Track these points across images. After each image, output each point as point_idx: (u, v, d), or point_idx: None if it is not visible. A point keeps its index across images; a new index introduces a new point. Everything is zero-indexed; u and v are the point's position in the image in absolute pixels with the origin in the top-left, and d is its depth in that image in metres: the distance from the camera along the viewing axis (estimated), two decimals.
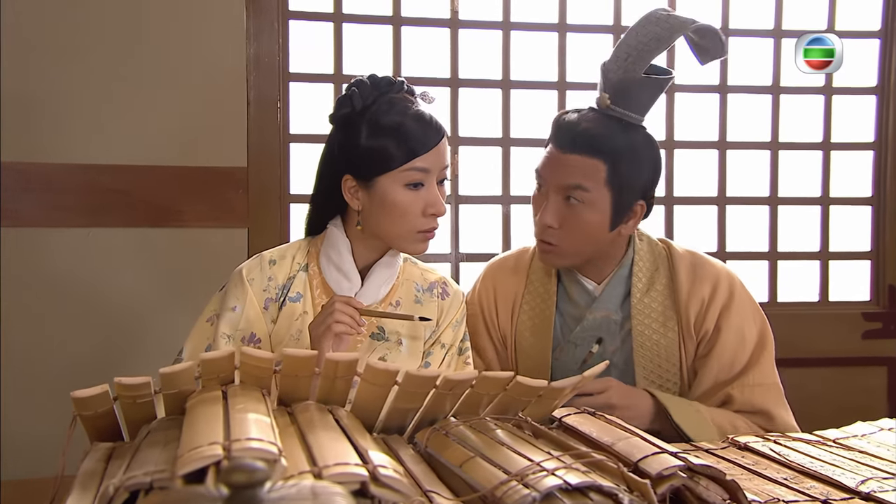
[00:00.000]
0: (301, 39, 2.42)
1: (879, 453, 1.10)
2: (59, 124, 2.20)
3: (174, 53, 2.25)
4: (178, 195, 2.28)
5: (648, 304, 1.61)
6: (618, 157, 1.51)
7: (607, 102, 1.54)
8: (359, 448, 0.75)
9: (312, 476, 0.66)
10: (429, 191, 1.41)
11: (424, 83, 2.47)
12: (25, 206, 2.19)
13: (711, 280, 1.61)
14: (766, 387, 1.55)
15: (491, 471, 0.79)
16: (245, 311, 1.42)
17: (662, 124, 2.61)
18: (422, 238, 1.44)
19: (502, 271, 1.74)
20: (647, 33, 1.52)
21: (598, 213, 1.53)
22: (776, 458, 1.09)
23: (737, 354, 1.57)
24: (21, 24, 2.17)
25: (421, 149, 1.38)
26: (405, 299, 1.52)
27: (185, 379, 0.85)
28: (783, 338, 2.58)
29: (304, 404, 0.92)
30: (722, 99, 2.64)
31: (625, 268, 1.64)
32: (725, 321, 1.58)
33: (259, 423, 0.71)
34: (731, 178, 2.67)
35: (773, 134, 2.67)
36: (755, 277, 2.68)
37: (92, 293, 2.23)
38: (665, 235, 2.56)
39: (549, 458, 0.80)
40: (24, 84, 2.18)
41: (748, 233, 2.71)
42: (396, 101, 1.41)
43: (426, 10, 2.49)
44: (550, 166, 1.56)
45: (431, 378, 0.92)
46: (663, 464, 0.85)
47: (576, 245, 1.56)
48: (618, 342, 1.63)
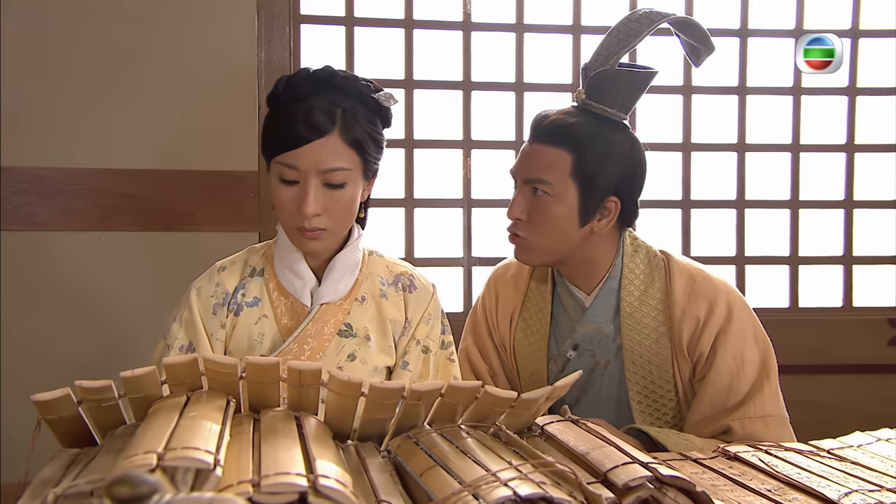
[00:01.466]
0: (312, 43, 2.42)
1: (873, 465, 1.06)
2: (71, 129, 2.22)
3: (186, 58, 2.26)
4: (190, 199, 2.28)
5: (640, 318, 1.55)
6: (583, 147, 1.48)
7: (582, 97, 1.52)
8: (310, 457, 0.74)
9: (251, 486, 0.65)
10: (301, 189, 1.35)
11: (437, 87, 2.48)
12: (40, 209, 2.22)
13: (708, 299, 1.52)
14: (768, 419, 1.46)
15: (447, 480, 0.77)
16: (184, 323, 1.44)
17: (680, 127, 2.57)
18: (300, 234, 1.39)
19: (503, 278, 1.72)
20: (625, 29, 1.50)
21: (564, 207, 1.49)
22: (764, 469, 1.05)
23: (735, 382, 1.48)
24: (29, 29, 2.19)
25: (288, 143, 1.34)
26: (370, 294, 1.48)
27: (148, 383, 0.84)
28: (805, 344, 2.56)
29: (273, 411, 0.91)
30: (741, 101, 2.59)
31: (614, 278, 1.57)
32: (722, 345, 1.49)
33: (203, 431, 0.70)
34: (751, 181, 2.62)
35: (795, 136, 2.61)
36: (776, 283, 2.63)
37: (103, 297, 2.24)
38: (682, 240, 2.56)
39: (507, 468, 0.77)
40: (37, 89, 2.20)
41: (769, 237, 2.65)
42: (303, 93, 1.36)
43: (438, 13, 2.48)
44: (520, 160, 1.55)
45: (397, 389, 0.90)
46: (631, 474, 0.82)
47: (544, 240, 1.52)
48: (610, 356, 1.57)
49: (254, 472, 0.69)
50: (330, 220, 1.38)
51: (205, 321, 1.44)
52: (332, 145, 1.35)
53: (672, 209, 2.58)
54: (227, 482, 0.66)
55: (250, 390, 0.92)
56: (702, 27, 1.55)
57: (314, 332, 1.42)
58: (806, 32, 2.55)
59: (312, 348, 1.42)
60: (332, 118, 1.34)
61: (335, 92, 1.36)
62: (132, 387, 0.84)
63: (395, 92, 2.40)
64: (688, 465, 1.10)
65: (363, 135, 1.38)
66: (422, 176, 2.49)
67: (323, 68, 1.39)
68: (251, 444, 0.78)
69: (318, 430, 0.88)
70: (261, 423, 0.86)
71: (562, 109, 1.54)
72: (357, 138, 1.37)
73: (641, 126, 2.53)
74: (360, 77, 1.42)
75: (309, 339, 1.42)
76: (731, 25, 2.58)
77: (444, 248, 2.50)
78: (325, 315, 1.43)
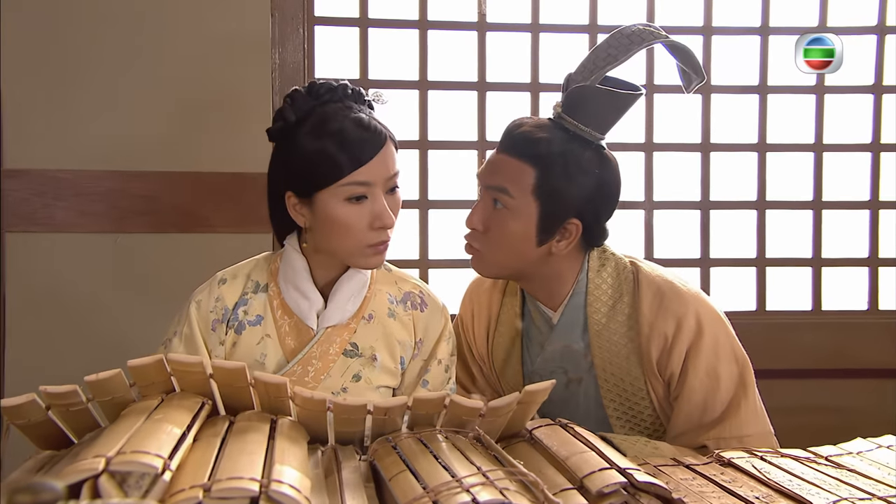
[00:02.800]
0: (327, 45, 2.42)
1: (869, 472, 1.04)
2: (86, 131, 2.24)
3: (200, 60, 2.27)
4: (205, 201, 2.29)
5: (609, 336, 1.49)
6: (549, 164, 1.42)
7: (559, 110, 1.46)
8: (271, 461, 0.73)
9: (202, 491, 0.64)
10: (374, 203, 1.33)
11: (452, 87, 2.47)
12: (58, 212, 2.24)
13: (676, 315, 1.44)
14: (744, 439, 1.39)
15: (412, 485, 0.76)
16: (184, 339, 1.40)
17: (698, 127, 2.53)
18: (372, 252, 1.36)
19: (478, 291, 1.68)
20: (616, 44, 1.45)
21: (521, 223, 1.43)
22: (756, 476, 1.03)
23: (710, 398, 1.42)
24: (43, 30, 2.22)
25: (357, 163, 1.30)
26: (378, 313, 1.44)
27: (114, 386, 0.84)
28: (828, 348, 2.51)
29: (248, 413, 0.91)
30: (762, 100, 2.54)
31: (579, 295, 1.51)
32: (693, 361, 1.43)
33: (161, 435, 0.70)
34: (772, 182, 2.57)
35: (817, 136, 2.55)
36: (798, 285, 2.58)
37: (117, 299, 2.26)
38: (700, 242, 2.51)
39: (475, 474, 0.76)
40: (51, 92, 2.23)
41: (791, 239, 2.60)
42: (332, 111, 1.34)
43: (453, 14, 2.46)
44: (485, 168, 1.50)
45: (361, 406, 0.90)
46: (605, 480, 0.82)
47: (497, 254, 1.47)
48: (582, 373, 1.52)
49: (210, 477, 0.69)
50: (392, 228, 1.38)
51: (205, 337, 1.40)
52: (390, 150, 1.36)
53: (690, 210, 2.54)
54: (181, 486, 0.65)
55: (223, 392, 0.92)
56: (693, 54, 1.49)
57: (319, 354, 1.39)
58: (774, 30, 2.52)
59: (317, 369, 1.39)
60: (378, 126, 1.34)
61: (345, 101, 1.36)
62: (99, 390, 0.84)
63: (409, 93, 2.44)
64: (679, 470, 1.08)
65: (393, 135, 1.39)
66: (436, 177, 2.47)
67: (311, 84, 1.38)
68: (217, 448, 0.77)
69: (292, 432, 0.88)
70: (234, 426, 0.86)
71: (537, 121, 1.50)
72: (395, 139, 1.38)
73: (659, 126, 2.51)
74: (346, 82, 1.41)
75: (313, 360, 1.39)
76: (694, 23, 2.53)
77: (459, 249, 2.48)
78: (331, 336, 1.40)
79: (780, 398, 2.50)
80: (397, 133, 2.41)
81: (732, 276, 2.57)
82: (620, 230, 2.48)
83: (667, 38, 1.47)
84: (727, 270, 2.57)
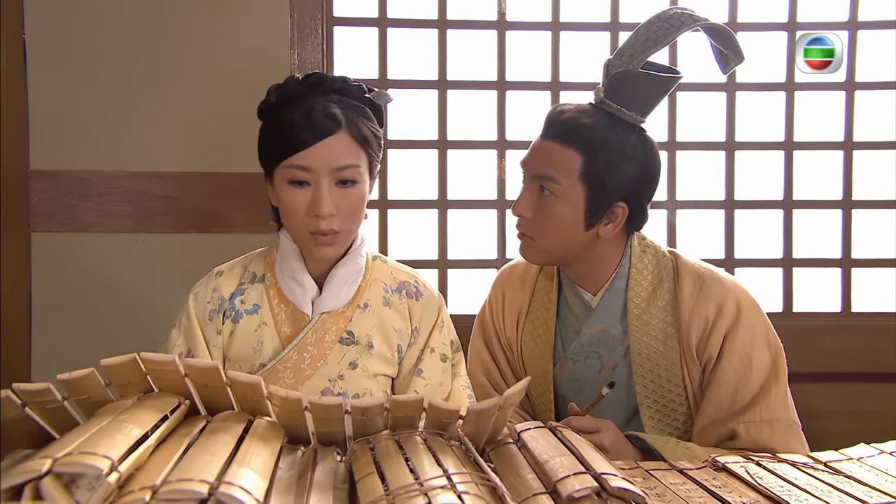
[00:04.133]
0: (345, 45, 2.43)
1: (866, 479, 1.00)
2: (109, 132, 2.28)
3: (220, 61, 2.29)
4: (225, 201, 2.31)
5: (648, 320, 1.51)
6: (596, 149, 1.44)
7: (601, 95, 1.47)
8: (231, 462, 0.73)
9: (150, 492, 0.64)
10: (315, 190, 1.34)
11: (471, 87, 2.46)
12: (83, 212, 2.28)
13: (717, 299, 1.48)
14: (774, 423, 1.41)
15: (375, 487, 0.76)
16: (182, 330, 1.44)
17: (723, 125, 2.49)
18: (313, 241, 1.37)
19: (511, 279, 1.69)
20: (655, 28, 1.45)
21: (569, 209, 1.45)
22: (747, 481, 1.00)
23: (742, 384, 1.43)
24: (66, 33, 2.26)
25: (298, 146, 1.32)
26: (374, 301, 1.46)
27: (89, 385, 0.85)
28: (857, 351, 2.45)
29: (226, 413, 0.91)
30: (788, 97, 2.48)
31: (621, 279, 1.54)
32: (730, 345, 1.45)
33: (117, 436, 0.70)
34: (799, 181, 2.51)
35: (847, 134, 2.49)
36: (827, 286, 2.52)
37: (139, 297, 2.29)
38: (725, 242, 2.47)
39: (440, 477, 0.76)
40: (74, 94, 2.26)
41: (820, 239, 2.54)
42: (302, 98, 1.36)
43: (472, 13, 2.45)
44: (530, 155, 1.52)
45: (337, 406, 0.89)
46: (577, 485, 0.80)
47: (548, 240, 1.48)
48: (617, 358, 1.54)
49: (166, 478, 0.69)
50: (342, 221, 1.37)
51: (202, 327, 1.43)
52: (342, 142, 1.35)
53: (714, 210, 2.50)
54: (132, 488, 0.65)
55: (201, 392, 0.92)
56: (733, 35, 1.49)
57: (314, 341, 1.41)
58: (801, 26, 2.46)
59: (313, 356, 1.40)
60: (335, 117, 1.35)
61: (329, 93, 1.37)
62: (73, 389, 0.84)
63: (429, 93, 2.43)
64: (671, 475, 1.06)
65: (368, 132, 1.39)
66: (455, 177, 2.46)
67: (311, 74, 1.40)
68: (183, 448, 0.77)
69: (267, 433, 0.87)
70: (208, 426, 0.86)
71: (578, 106, 1.50)
72: (363, 135, 1.38)
73: (682, 124, 2.47)
74: (348, 78, 1.42)
75: (309, 347, 1.40)
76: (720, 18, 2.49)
77: (479, 249, 2.48)
78: (326, 323, 1.42)
79: (808, 402, 2.45)
80: (416, 133, 2.44)
81: (758, 276, 2.52)
82: (644, 229, 2.47)
83: (706, 21, 1.47)
84: (753, 271, 2.52)
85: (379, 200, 2.44)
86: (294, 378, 1.39)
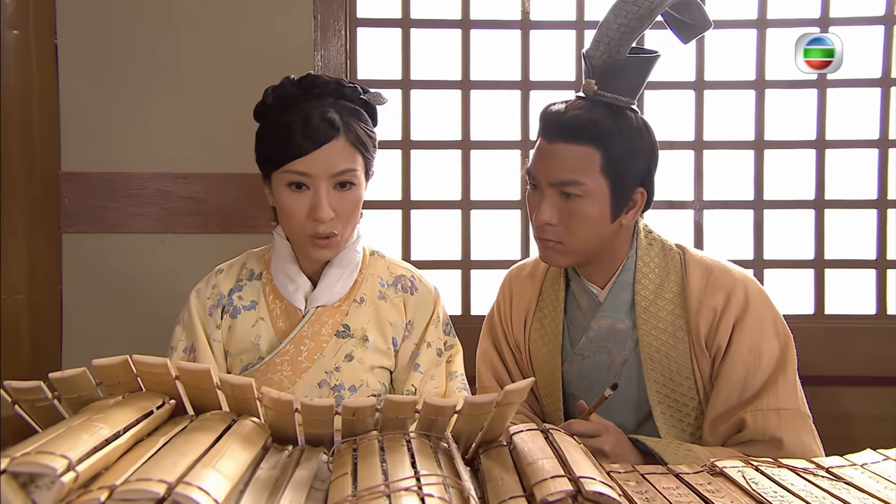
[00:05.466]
0: (368, 46, 2.44)
1: (866, 485, 0.98)
2: (136, 135, 2.32)
3: (244, 63, 2.31)
4: (249, 202, 2.33)
5: (656, 313, 1.50)
6: (611, 141, 1.43)
7: (594, 88, 1.47)
8: (198, 463, 0.73)
9: (108, 491, 0.65)
10: (314, 194, 1.37)
11: (495, 87, 2.45)
12: (109, 213, 2.32)
13: (725, 289, 1.47)
14: (782, 412, 1.39)
15: (344, 488, 0.76)
16: (185, 325, 1.50)
17: (752, 123, 2.44)
18: (311, 243, 1.40)
19: (518, 278, 1.69)
20: (627, 13, 1.44)
21: (597, 205, 1.44)
22: (742, 486, 0.98)
23: (751, 374, 1.42)
24: (92, 38, 2.30)
25: (297, 153, 1.35)
26: (369, 295, 1.50)
27: (80, 384, 0.86)
28: (893, 354, 2.38)
29: (210, 414, 0.92)
30: (821, 94, 2.43)
31: (628, 271, 1.53)
32: (738, 335, 1.44)
33: (82, 435, 0.71)
34: (830, 179, 2.45)
35: (883, 131, 2.43)
36: (861, 288, 2.46)
37: (164, 297, 2.32)
38: (753, 242, 2.42)
39: (407, 478, 0.75)
40: (102, 97, 2.31)
41: (853, 240, 2.48)
42: (299, 101, 1.38)
43: (496, 12, 2.44)
44: (542, 161, 1.48)
45: (328, 407, 0.89)
46: (552, 488, 0.79)
47: (579, 240, 1.47)
48: (627, 353, 1.53)
49: (129, 477, 0.69)
50: (341, 224, 1.40)
51: (203, 323, 1.49)
52: (339, 148, 1.38)
53: (743, 210, 2.46)
54: (92, 487, 0.66)
55: (190, 394, 0.93)
56: (701, 5, 1.49)
57: (310, 334, 1.45)
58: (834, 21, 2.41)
59: (310, 349, 1.44)
60: (333, 123, 1.37)
61: (324, 97, 1.39)
62: (64, 388, 0.86)
63: (452, 93, 2.43)
64: (666, 479, 1.04)
65: (363, 135, 1.41)
66: (479, 177, 2.46)
67: (306, 76, 1.42)
68: (156, 448, 0.78)
69: (249, 433, 0.88)
70: (189, 426, 0.87)
71: (574, 102, 1.49)
72: (359, 138, 1.40)
73: (710, 123, 2.43)
74: (342, 79, 1.44)
75: (306, 340, 1.44)
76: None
77: (502, 250, 2.47)
78: (322, 317, 1.46)
79: (841, 406, 2.41)
80: (440, 133, 2.44)
81: (789, 277, 2.47)
82: (670, 230, 2.43)
83: None
84: (783, 272, 2.47)
85: (402, 201, 2.44)
86: (291, 370, 1.44)
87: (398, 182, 2.45)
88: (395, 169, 2.45)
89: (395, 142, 2.43)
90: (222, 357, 1.48)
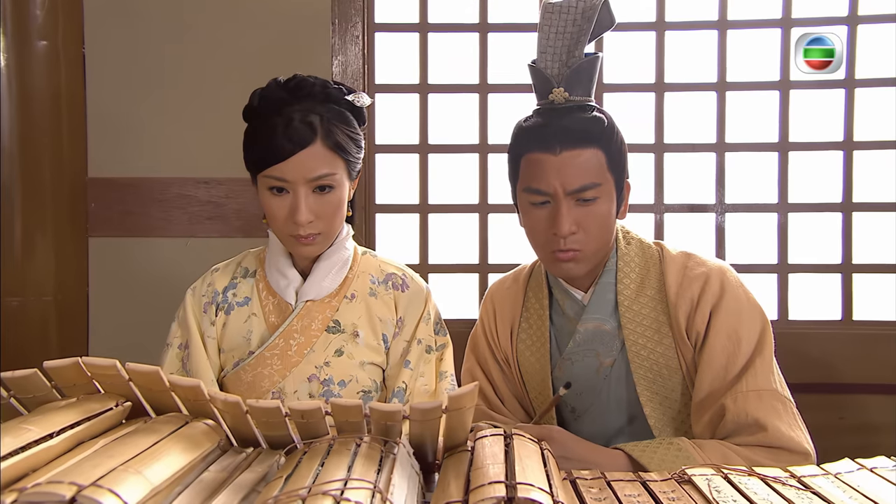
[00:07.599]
0: (387, 50, 2.45)
1: (832, 496, 0.95)
2: (160, 141, 2.38)
3: (263, 70, 2.30)
4: None
5: (639, 310, 1.51)
6: (608, 139, 1.46)
7: (566, 95, 1.47)
8: (123, 465, 0.74)
9: (17, 493, 0.66)
10: (293, 198, 1.40)
11: (513, 90, 2.44)
12: (134, 217, 2.38)
13: (701, 278, 1.49)
14: (760, 393, 1.39)
15: (270, 492, 0.76)
16: (180, 322, 1.55)
17: (776, 125, 2.39)
18: (295, 241, 1.44)
19: (500, 292, 1.69)
20: (569, 19, 1.45)
21: (609, 203, 1.47)
22: (704, 495, 0.97)
23: (731, 359, 1.42)
24: (123, 45, 2.37)
25: (273, 159, 1.38)
26: (360, 292, 1.53)
27: (32, 385, 0.89)
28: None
29: (164, 416, 0.94)
30: (848, 94, 2.37)
31: (609, 272, 1.54)
32: (715, 322, 1.45)
33: (6, 438, 0.73)
34: (858, 181, 2.39)
35: None
36: (890, 293, 2.39)
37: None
38: (778, 245, 2.37)
39: (336, 482, 0.76)
40: (129, 103, 2.37)
41: (881, 243, 2.41)
42: (280, 106, 1.40)
43: (514, 16, 2.44)
44: (553, 173, 1.44)
45: (276, 409, 0.90)
46: (485, 494, 0.79)
47: (596, 242, 1.48)
48: (615, 353, 1.52)
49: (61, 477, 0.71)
50: (322, 224, 1.43)
51: (198, 320, 1.53)
52: (315, 153, 1.40)
53: (767, 213, 2.41)
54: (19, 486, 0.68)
55: (146, 396, 0.95)
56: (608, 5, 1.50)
57: (300, 329, 1.48)
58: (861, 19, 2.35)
59: (300, 343, 1.48)
60: (311, 127, 1.39)
61: (309, 99, 1.41)
62: (18, 387, 0.89)
63: (469, 97, 2.43)
64: (631, 486, 1.03)
65: (343, 138, 1.42)
66: (497, 181, 2.45)
67: (292, 77, 1.43)
68: (93, 449, 0.79)
69: (197, 435, 0.89)
70: (137, 428, 0.89)
71: (550, 114, 1.49)
72: (338, 142, 1.42)
73: (731, 125, 2.39)
74: (329, 81, 1.45)
75: (295, 334, 1.48)
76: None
77: (520, 254, 2.45)
78: (312, 312, 1.49)
79: (869, 415, 2.35)
80: (457, 137, 2.44)
81: (815, 282, 2.41)
82: (691, 234, 2.40)
83: None
84: (808, 277, 2.41)
85: (420, 205, 2.45)
86: (281, 364, 1.47)
87: (416, 186, 2.46)
88: (413, 173, 2.46)
89: (413, 146, 2.44)
90: (216, 354, 1.51)
